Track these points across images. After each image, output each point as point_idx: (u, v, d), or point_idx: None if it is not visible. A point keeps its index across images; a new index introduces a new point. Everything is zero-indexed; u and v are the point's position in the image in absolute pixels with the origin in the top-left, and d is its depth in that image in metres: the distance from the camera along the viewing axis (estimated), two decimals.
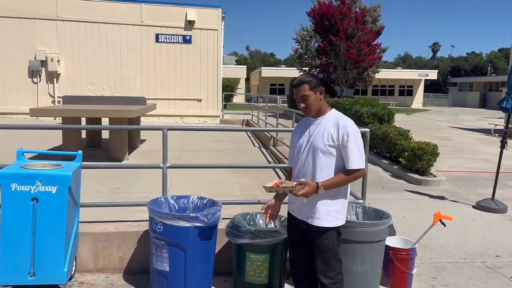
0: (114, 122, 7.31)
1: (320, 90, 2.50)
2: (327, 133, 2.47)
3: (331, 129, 2.47)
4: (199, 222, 2.87)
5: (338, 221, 2.53)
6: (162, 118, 14.40)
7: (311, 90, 2.48)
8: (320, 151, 2.48)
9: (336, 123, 2.47)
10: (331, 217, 2.50)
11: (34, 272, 2.93)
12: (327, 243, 2.52)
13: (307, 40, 20.90)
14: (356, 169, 2.44)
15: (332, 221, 2.51)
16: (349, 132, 2.43)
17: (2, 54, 13.66)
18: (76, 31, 14.07)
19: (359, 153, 2.44)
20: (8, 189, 2.84)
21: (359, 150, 2.45)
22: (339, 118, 2.51)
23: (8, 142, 8.39)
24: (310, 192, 2.40)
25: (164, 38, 14.55)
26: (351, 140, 2.43)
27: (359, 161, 2.44)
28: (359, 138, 2.47)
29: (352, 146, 2.43)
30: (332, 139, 2.45)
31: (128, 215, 3.95)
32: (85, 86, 14.24)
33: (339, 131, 2.45)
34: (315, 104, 2.50)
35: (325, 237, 2.52)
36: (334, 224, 2.52)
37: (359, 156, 2.44)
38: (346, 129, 2.44)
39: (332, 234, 2.53)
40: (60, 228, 2.95)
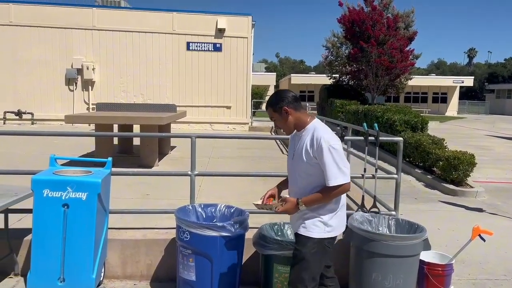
0: (145, 129, 7.43)
1: (284, 110, 2.40)
2: (305, 148, 2.37)
3: (308, 143, 2.36)
4: (226, 232, 2.83)
5: (324, 233, 2.39)
6: (192, 125, 14.55)
7: (275, 112, 2.44)
8: (302, 168, 2.40)
9: (312, 137, 2.36)
10: (316, 227, 2.38)
11: (64, 277, 2.96)
12: (304, 252, 2.39)
13: (338, 47, 20.68)
14: (335, 186, 2.29)
15: (316, 232, 2.38)
16: (322, 147, 2.29)
17: (42, 63, 14.22)
18: (111, 40, 14.48)
19: (337, 167, 2.28)
20: (40, 195, 2.90)
21: (337, 164, 2.28)
22: (315, 130, 2.38)
23: (46, 147, 8.69)
24: (290, 209, 2.36)
25: (195, 46, 14.75)
26: (325, 155, 2.28)
27: (337, 177, 2.28)
28: (336, 151, 2.30)
29: (328, 161, 2.28)
30: (309, 155, 2.35)
31: (157, 222, 3.96)
32: (118, 93, 14.60)
33: (314, 145, 2.33)
34: (284, 124, 2.45)
35: (304, 246, 2.40)
36: (319, 235, 2.38)
37: (337, 171, 2.28)
38: (319, 143, 2.31)
39: (312, 244, 2.38)
40: (89, 234, 2.98)
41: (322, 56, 21.72)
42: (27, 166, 4.30)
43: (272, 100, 2.46)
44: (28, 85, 14.21)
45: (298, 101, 2.47)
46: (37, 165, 3.71)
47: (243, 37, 14.92)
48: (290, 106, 2.41)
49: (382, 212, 3.75)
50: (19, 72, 14.15)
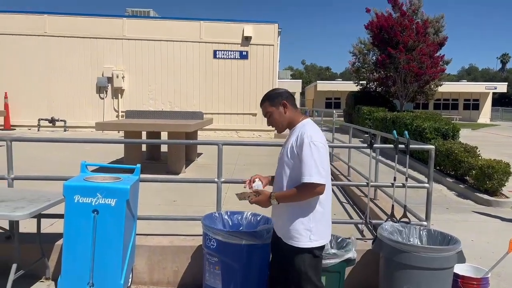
0: (172, 136, 7.52)
1: (282, 104, 2.41)
2: (291, 145, 2.36)
3: (293, 140, 2.35)
4: (252, 240, 2.80)
5: (310, 242, 2.33)
6: (218, 132, 14.65)
7: (272, 107, 2.42)
8: (285, 164, 2.38)
9: (297, 134, 2.35)
10: (301, 236, 2.33)
11: (93, 282, 3.00)
12: (298, 266, 2.35)
13: (365, 54, 20.46)
14: (309, 183, 2.21)
15: (302, 241, 2.33)
16: (304, 141, 2.26)
17: (74, 72, 14.68)
18: (140, 49, 14.81)
19: (314, 165, 2.21)
20: (71, 201, 2.96)
21: (315, 161, 2.22)
22: (302, 128, 2.37)
23: (77, 153, 8.92)
24: (262, 201, 2.36)
25: (222, 54, 14.90)
26: (305, 151, 2.24)
27: (312, 174, 2.21)
28: (316, 149, 2.24)
29: (306, 157, 2.23)
30: (293, 151, 2.33)
31: (183, 228, 3.98)
32: (147, 101, 14.89)
33: (298, 141, 2.31)
34: (279, 119, 2.44)
35: (295, 258, 2.35)
36: (306, 245, 2.33)
37: (313, 169, 2.21)
38: (302, 137, 2.28)
39: (303, 255, 2.34)
40: (118, 240, 3.02)
41: (349, 63, 21.54)
42: (60, 172, 4.42)
43: (270, 94, 2.46)
44: (61, 93, 14.68)
45: (294, 99, 2.49)
46: (69, 171, 3.80)
47: (269, 44, 14.96)
48: (289, 101, 2.43)
49: (413, 222, 3.64)
50: (53, 81, 14.65)
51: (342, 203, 5.83)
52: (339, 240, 3.19)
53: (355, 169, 6.67)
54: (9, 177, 3.67)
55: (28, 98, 14.54)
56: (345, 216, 5.17)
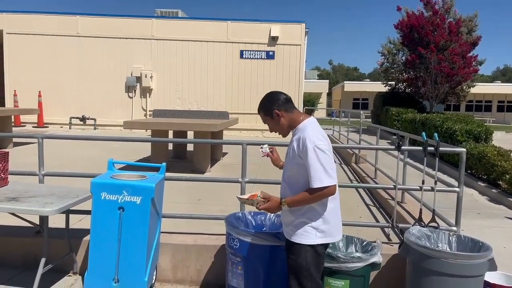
0: (198, 135, 7.59)
1: (275, 114, 2.40)
2: (293, 148, 2.35)
3: (295, 143, 2.34)
4: (276, 241, 2.78)
5: (316, 238, 2.33)
6: (244, 132, 14.69)
7: (266, 116, 2.44)
8: (289, 168, 2.39)
9: (298, 137, 2.33)
10: (307, 233, 2.33)
11: (118, 278, 3.05)
12: (300, 262, 2.33)
13: (394, 54, 20.01)
14: (319, 188, 2.21)
15: (308, 238, 2.33)
16: (307, 147, 2.24)
17: (105, 71, 15.04)
18: (168, 49, 15.02)
19: (322, 169, 2.21)
20: (98, 198, 3.02)
21: (322, 165, 2.21)
22: (302, 131, 2.34)
23: (106, 151, 9.13)
24: (272, 208, 2.34)
25: (248, 54, 14.92)
26: (310, 155, 2.22)
27: (321, 179, 2.21)
28: (321, 152, 2.23)
29: (312, 162, 2.22)
30: (296, 155, 2.31)
31: (208, 227, 4.00)
32: (174, 100, 15.08)
33: (300, 145, 2.29)
34: (277, 127, 2.44)
35: (298, 254, 2.34)
36: (311, 242, 2.32)
37: (321, 173, 2.21)
38: (304, 143, 2.26)
39: (305, 252, 2.33)
40: (142, 237, 3.05)
41: (378, 63, 21.12)
42: (89, 169, 4.53)
43: (262, 104, 2.46)
44: (92, 92, 15.07)
45: (290, 102, 2.45)
46: (98, 169, 3.89)
47: (296, 44, 14.88)
48: (281, 109, 2.40)
49: (442, 227, 3.53)
50: (84, 80, 15.05)
51: (369, 205, 5.72)
52: (364, 244, 3.12)
53: (382, 171, 6.54)
54: (40, 174, 3.78)
55: (61, 96, 15.00)
56: (371, 219, 5.08)
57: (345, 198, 6.12)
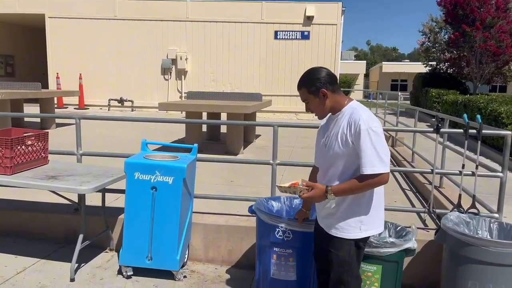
0: (231, 117, 7.60)
1: (322, 93, 2.14)
2: (341, 132, 2.11)
3: (345, 126, 2.10)
4: None
5: (360, 232, 2.17)
6: (277, 114, 14.59)
7: (310, 94, 2.17)
8: (335, 154, 2.14)
9: (349, 120, 2.09)
10: (351, 227, 2.16)
11: (151, 256, 3.13)
12: (342, 256, 2.19)
13: (436, 32, 19.10)
14: (371, 175, 2.01)
15: (352, 232, 2.16)
16: (361, 128, 2.02)
17: (141, 54, 15.28)
18: (203, 31, 15.04)
19: (376, 153, 2.00)
20: (132, 177, 3.08)
21: (376, 149, 2.00)
22: (353, 112, 2.11)
23: (143, 132, 9.35)
24: (317, 196, 2.13)
25: (283, 34, 14.69)
26: (363, 138, 2.01)
27: (374, 164, 2.00)
28: (376, 134, 2.01)
29: (365, 145, 2.00)
30: (346, 139, 2.08)
31: (238, 208, 4.01)
32: (208, 82, 15.16)
33: (351, 128, 2.06)
34: (319, 108, 2.20)
35: (340, 249, 2.19)
36: (355, 236, 2.17)
37: (375, 158, 2.00)
38: (358, 124, 2.03)
39: (348, 246, 2.18)
40: (174, 217, 3.10)
41: (418, 43, 20.25)
42: (125, 150, 4.63)
43: (306, 80, 2.18)
44: (129, 75, 15.38)
45: (336, 81, 2.22)
46: (133, 149, 3.96)
47: (332, 24, 14.49)
48: (329, 88, 2.15)
49: (482, 213, 3.37)
50: (121, 63, 15.37)
51: (405, 190, 5.56)
52: (398, 229, 3.03)
53: (419, 155, 6.32)
54: (78, 153, 3.90)
55: (100, 79, 15.41)
56: (406, 203, 4.93)
57: None
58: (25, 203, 4.03)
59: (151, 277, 3.19)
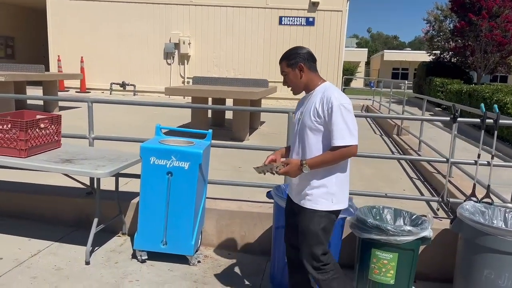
0: (238, 103, 7.55)
1: (299, 67, 2.29)
2: (314, 108, 2.26)
3: (317, 103, 2.25)
4: (346, 213, 2.73)
5: (332, 204, 2.28)
6: (281, 101, 14.52)
7: (289, 67, 2.32)
8: (308, 129, 2.28)
9: (321, 97, 2.25)
10: (324, 199, 2.27)
11: (166, 241, 3.14)
12: (313, 228, 2.27)
13: (441, 21, 18.93)
14: (342, 146, 2.17)
15: (324, 204, 2.27)
16: (333, 105, 2.18)
17: (144, 38, 15.11)
18: (206, 15, 14.85)
19: (346, 127, 2.17)
20: (147, 162, 3.07)
21: (346, 124, 2.17)
22: (325, 90, 2.27)
23: (147, 117, 9.30)
24: (292, 171, 2.24)
25: (288, 20, 14.53)
26: (335, 113, 2.17)
27: (345, 137, 2.17)
28: (346, 110, 2.18)
29: (337, 120, 2.17)
30: (317, 114, 2.24)
31: (247, 194, 4.02)
32: (211, 67, 15.04)
33: (324, 104, 2.22)
34: (295, 82, 2.33)
35: (311, 221, 2.28)
36: (326, 208, 2.27)
37: (345, 132, 2.17)
38: (330, 101, 2.20)
39: (319, 218, 2.27)
40: (190, 202, 3.10)
41: (423, 31, 20.11)
42: (130, 134, 4.61)
43: (287, 54, 2.35)
44: (131, 59, 15.23)
45: (314, 60, 2.36)
46: (139, 134, 3.94)
47: (337, 10, 14.33)
48: (306, 64, 2.31)
49: (496, 203, 3.37)
50: (123, 46, 15.21)
51: (412, 178, 5.57)
52: (413, 217, 3.04)
53: (427, 144, 6.31)
54: (90, 137, 3.88)
55: (102, 62, 15.26)
56: (415, 192, 4.95)
57: (388, 169, 5.99)
58: (36, 186, 4.02)
59: (165, 262, 3.20)
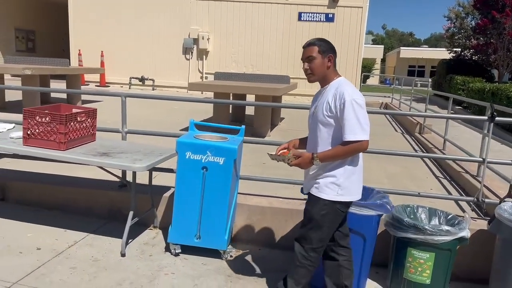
0: (259, 99, 7.55)
1: (329, 57, 2.36)
2: (326, 103, 2.32)
3: (330, 98, 2.31)
4: (383, 210, 2.74)
5: (336, 196, 2.32)
6: (298, 97, 14.48)
7: (319, 53, 2.35)
8: (320, 123, 2.35)
9: (334, 92, 2.31)
10: (329, 189, 2.33)
11: (200, 235, 3.17)
12: (314, 212, 2.36)
13: (462, 18, 18.61)
14: (353, 141, 2.21)
15: (328, 194, 2.33)
16: (345, 100, 2.22)
17: (163, 33, 15.19)
18: (225, 10, 14.85)
19: (358, 123, 2.21)
20: (183, 157, 3.09)
21: (358, 119, 2.21)
22: (338, 86, 2.32)
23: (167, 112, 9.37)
24: (304, 163, 2.33)
25: (307, 16, 14.45)
26: (347, 109, 2.21)
27: (356, 132, 2.21)
28: (359, 106, 2.22)
29: (349, 115, 2.21)
30: (330, 109, 2.29)
31: (275, 191, 4.03)
32: (229, 63, 15.05)
33: (336, 99, 2.27)
34: (320, 69, 2.36)
35: (313, 206, 2.37)
36: (330, 198, 2.32)
37: (357, 127, 2.21)
38: (342, 96, 2.24)
39: (322, 206, 2.33)
40: (224, 197, 3.12)
41: (443, 28, 19.81)
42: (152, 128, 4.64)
43: (321, 41, 2.39)
44: (150, 53, 15.33)
45: (336, 56, 2.43)
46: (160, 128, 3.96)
47: (357, 6, 14.19)
48: (334, 58, 2.38)
49: None
50: (142, 41, 15.30)
51: (438, 177, 5.51)
52: (449, 217, 3.02)
53: (455, 144, 6.23)
54: (123, 131, 3.93)
55: (121, 57, 15.39)
56: (442, 191, 4.90)
57: (413, 168, 5.95)
58: (70, 179, 4.09)
59: (198, 255, 3.23)
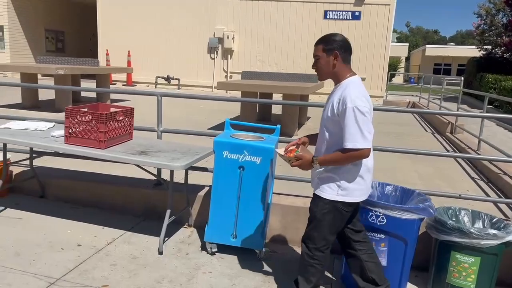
0: (287, 98, 7.51)
1: (334, 54, 2.27)
2: (332, 104, 2.26)
3: (335, 101, 2.24)
4: (426, 214, 2.67)
5: (337, 196, 2.31)
6: (323, 96, 14.33)
7: (323, 52, 2.29)
8: (324, 125, 2.34)
9: (340, 94, 2.23)
10: (330, 189, 2.33)
11: (236, 234, 3.16)
12: (315, 211, 2.38)
13: (493, 15, 18.07)
14: (352, 149, 2.17)
15: (329, 193, 2.33)
16: (347, 106, 2.15)
17: (188, 32, 15.33)
18: (250, 9, 14.86)
19: (359, 130, 2.14)
20: (220, 156, 3.09)
21: (359, 127, 2.14)
22: (346, 87, 2.24)
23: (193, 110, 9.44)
24: (304, 165, 2.35)
25: (333, 14, 14.30)
26: (348, 116, 2.15)
27: (356, 140, 2.15)
28: (360, 113, 2.14)
29: (349, 122, 2.15)
30: (333, 112, 2.24)
31: (305, 191, 3.97)
32: (254, 62, 15.05)
33: (340, 103, 2.20)
34: (325, 68, 2.32)
35: (315, 205, 2.39)
36: (330, 197, 2.32)
37: (358, 135, 2.15)
38: (344, 102, 2.17)
39: (323, 205, 2.34)
40: (260, 197, 3.11)
41: (473, 25, 19.26)
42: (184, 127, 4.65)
43: (326, 38, 2.31)
44: (176, 53, 15.49)
45: (350, 52, 2.34)
46: (193, 127, 3.97)
47: (385, 4, 13.94)
48: (341, 54, 2.28)
49: None
50: (168, 40, 15.49)
51: (474, 179, 5.36)
52: (494, 220, 2.92)
53: (491, 145, 6.06)
54: (159, 130, 3.96)
55: (147, 56, 15.62)
56: (479, 192, 4.76)
57: (446, 168, 5.81)
58: (106, 177, 4.15)
59: (234, 255, 3.23)
